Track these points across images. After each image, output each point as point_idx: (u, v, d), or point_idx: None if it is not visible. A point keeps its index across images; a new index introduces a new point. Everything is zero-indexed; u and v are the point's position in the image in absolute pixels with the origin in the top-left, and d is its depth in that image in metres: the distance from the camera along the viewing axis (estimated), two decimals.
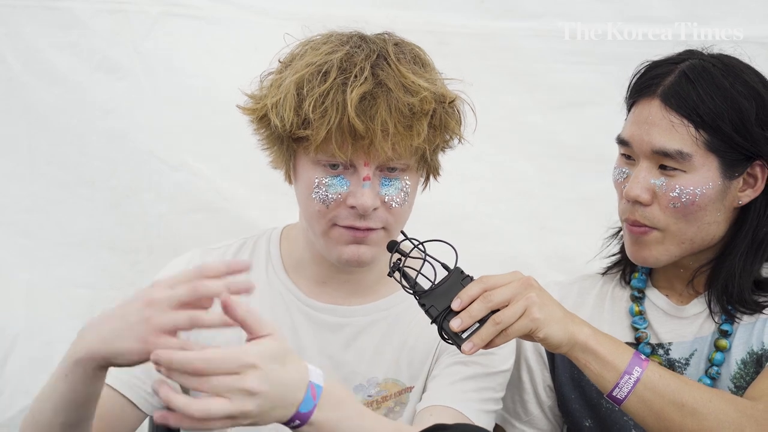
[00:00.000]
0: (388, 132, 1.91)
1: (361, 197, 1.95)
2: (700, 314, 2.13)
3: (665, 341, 2.13)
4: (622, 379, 1.89)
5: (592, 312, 2.18)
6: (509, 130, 2.93)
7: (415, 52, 2.01)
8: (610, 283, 2.23)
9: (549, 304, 1.89)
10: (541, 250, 2.94)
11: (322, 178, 1.97)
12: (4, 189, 2.92)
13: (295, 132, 1.94)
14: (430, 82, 1.97)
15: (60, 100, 2.90)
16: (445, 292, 1.87)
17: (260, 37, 2.84)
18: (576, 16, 2.88)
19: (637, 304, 2.17)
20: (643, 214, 2.04)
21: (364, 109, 1.90)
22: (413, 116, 1.93)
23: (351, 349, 2.09)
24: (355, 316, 2.10)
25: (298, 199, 2.06)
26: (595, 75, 2.89)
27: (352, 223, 1.97)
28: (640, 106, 2.06)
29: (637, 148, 2.04)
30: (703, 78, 2.02)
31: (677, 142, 2.00)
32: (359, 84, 1.90)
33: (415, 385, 2.10)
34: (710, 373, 2.09)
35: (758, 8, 2.86)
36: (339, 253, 2.00)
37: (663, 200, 2.02)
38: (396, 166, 1.98)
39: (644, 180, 2.03)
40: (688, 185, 2.01)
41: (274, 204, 2.52)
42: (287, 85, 1.94)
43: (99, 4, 2.89)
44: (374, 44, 1.97)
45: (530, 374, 2.20)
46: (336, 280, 2.10)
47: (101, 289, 2.92)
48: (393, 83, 1.92)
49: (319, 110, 1.91)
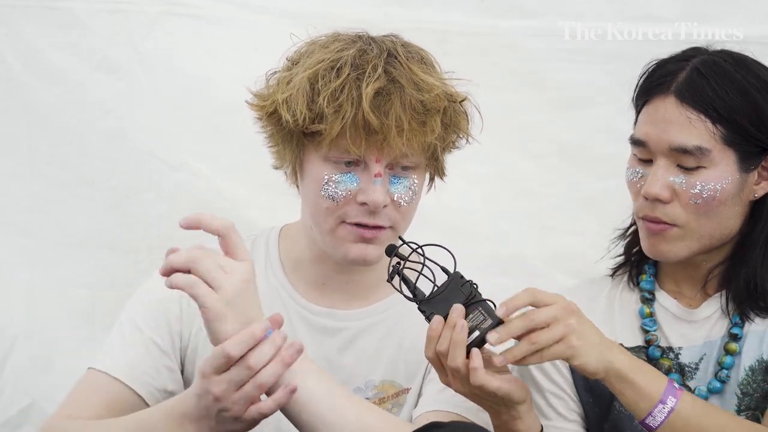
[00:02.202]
0: (402, 128, 1.91)
1: (372, 193, 1.95)
2: (710, 317, 2.12)
3: (675, 345, 2.12)
4: (656, 408, 1.90)
5: (604, 317, 2.16)
6: (509, 130, 2.92)
7: (422, 54, 2.02)
8: (617, 286, 2.21)
9: (588, 333, 1.88)
10: (542, 249, 2.93)
11: (332, 174, 1.96)
12: (4, 189, 2.92)
13: (308, 127, 1.94)
14: (440, 80, 1.98)
15: (60, 100, 2.90)
16: (445, 298, 1.86)
17: (260, 36, 2.84)
18: (576, 15, 2.88)
19: (647, 305, 2.15)
20: (664, 212, 2.03)
21: (378, 104, 1.91)
22: (426, 113, 1.93)
23: (348, 352, 2.09)
24: (353, 320, 2.10)
25: (304, 196, 2.05)
26: (596, 74, 2.88)
27: (361, 220, 1.97)
28: (653, 105, 2.05)
29: (654, 147, 2.03)
30: (716, 72, 2.01)
31: (696, 137, 2.00)
32: (374, 80, 1.91)
33: (411, 387, 2.10)
34: (720, 376, 2.08)
35: (758, 8, 2.86)
36: (345, 251, 2.00)
37: (684, 197, 2.02)
38: (407, 164, 1.98)
39: (663, 177, 2.02)
40: (708, 181, 2.01)
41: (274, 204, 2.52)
42: (299, 80, 1.94)
43: (99, 4, 2.89)
44: (383, 44, 1.98)
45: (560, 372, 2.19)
46: (335, 281, 2.10)
47: (101, 289, 2.92)
48: (405, 80, 1.93)
49: (334, 104, 1.91)
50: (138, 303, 2.09)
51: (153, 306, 2.07)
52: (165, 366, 2.05)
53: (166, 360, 2.05)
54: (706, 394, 2.08)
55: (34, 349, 2.92)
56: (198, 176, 2.92)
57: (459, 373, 1.83)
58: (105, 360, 2.04)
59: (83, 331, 2.92)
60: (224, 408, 1.75)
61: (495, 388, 1.83)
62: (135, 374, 2.02)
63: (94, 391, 2.01)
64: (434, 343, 1.85)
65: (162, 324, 2.06)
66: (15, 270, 2.92)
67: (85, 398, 2.00)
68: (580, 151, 2.92)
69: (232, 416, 1.76)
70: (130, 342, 2.05)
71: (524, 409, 1.90)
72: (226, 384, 1.74)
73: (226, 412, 1.75)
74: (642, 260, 2.18)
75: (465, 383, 1.84)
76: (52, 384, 2.89)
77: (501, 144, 2.93)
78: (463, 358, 1.82)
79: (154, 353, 2.04)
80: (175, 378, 2.06)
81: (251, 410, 1.76)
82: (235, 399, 1.74)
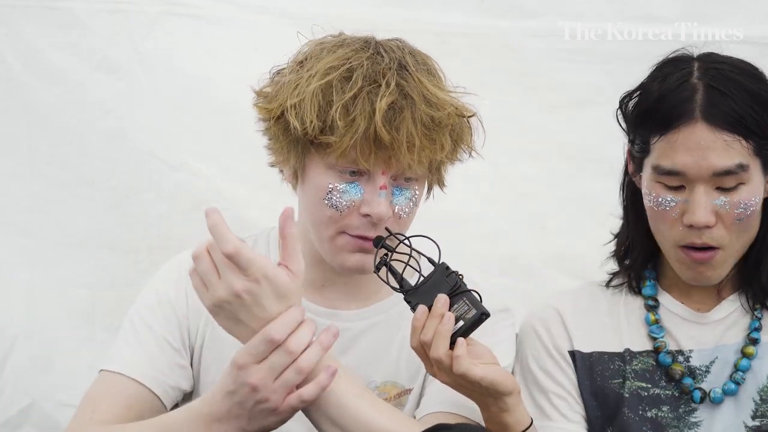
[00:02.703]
0: (413, 144, 1.89)
1: (377, 206, 1.94)
2: (724, 319, 2.12)
3: (686, 348, 2.12)
4: None
5: (609, 320, 2.16)
6: (509, 130, 2.92)
7: (428, 63, 2.00)
8: (620, 291, 2.20)
9: None
10: (541, 250, 2.94)
11: (336, 183, 1.95)
12: (4, 189, 2.92)
13: (317, 137, 1.92)
14: (449, 95, 1.96)
15: (60, 100, 2.90)
16: (430, 289, 1.87)
17: (260, 36, 2.84)
18: (576, 15, 2.88)
19: (653, 313, 2.14)
20: (710, 236, 2.01)
21: (390, 119, 1.89)
22: (436, 129, 1.92)
23: (349, 352, 2.08)
24: (354, 320, 2.10)
25: (304, 201, 2.03)
26: (596, 75, 2.88)
27: (364, 233, 1.96)
28: (681, 134, 1.99)
29: (695, 175, 1.99)
30: (732, 87, 1.99)
31: (736, 157, 1.98)
32: (387, 93, 1.89)
33: (413, 387, 2.10)
34: (735, 378, 2.08)
35: (758, 8, 2.86)
36: (343, 260, 1.99)
37: (728, 218, 2.00)
38: (410, 175, 1.97)
39: (707, 203, 1.99)
40: (749, 197, 2.00)
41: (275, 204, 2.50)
42: (310, 89, 1.92)
43: (99, 4, 2.89)
44: (393, 53, 1.96)
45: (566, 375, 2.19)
46: (334, 282, 2.09)
47: (101, 289, 2.92)
48: (417, 95, 1.92)
49: (347, 118, 1.89)
50: (146, 302, 2.08)
51: (162, 304, 2.06)
52: (177, 364, 2.04)
53: (178, 358, 2.05)
54: (721, 396, 2.08)
55: (34, 349, 2.92)
56: (198, 176, 2.92)
57: (442, 364, 1.84)
58: (118, 361, 2.02)
59: (83, 331, 2.92)
60: (262, 399, 1.73)
61: (479, 378, 1.83)
62: (150, 373, 2.01)
63: (112, 394, 1.99)
64: (418, 333, 1.85)
65: (172, 321, 2.05)
66: (15, 270, 2.92)
67: (103, 401, 1.98)
68: (580, 151, 2.92)
69: (269, 408, 1.74)
70: (142, 341, 2.03)
71: (512, 401, 1.89)
72: (265, 372, 1.72)
73: (264, 403, 1.73)
74: (640, 267, 2.17)
75: (449, 373, 1.85)
76: (52, 384, 2.90)
77: (501, 144, 2.91)
78: (446, 348, 1.83)
79: (167, 351, 2.04)
80: (187, 375, 2.06)
81: (291, 398, 1.74)
82: (275, 387, 1.73)
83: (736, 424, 2.08)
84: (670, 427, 2.08)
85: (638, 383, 2.11)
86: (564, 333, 2.15)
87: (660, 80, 2.05)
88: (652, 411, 2.10)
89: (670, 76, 2.04)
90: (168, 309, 2.06)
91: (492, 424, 1.92)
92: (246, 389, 1.73)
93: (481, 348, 1.89)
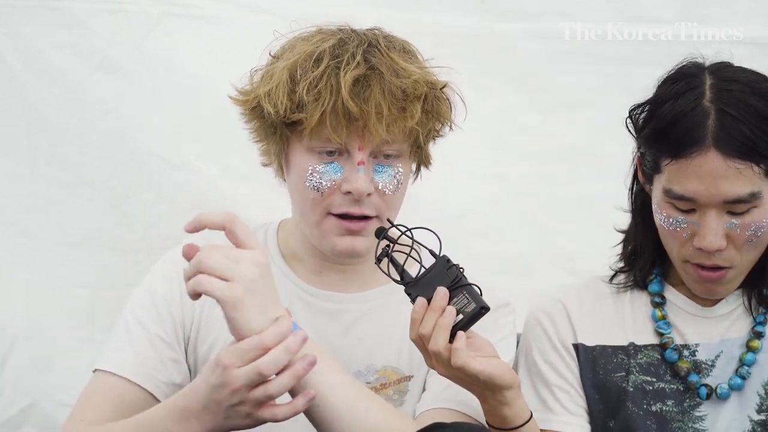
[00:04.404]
0: (382, 114, 1.92)
1: (355, 182, 1.96)
2: (729, 314, 2.13)
3: (691, 342, 2.12)
4: None
5: (615, 317, 2.16)
6: (509, 131, 2.93)
7: (403, 44, 2.03)
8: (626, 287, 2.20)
9: None
10: (541, 249, 2.94)
11: (316, 165, 1.97)
12: (4, 189, 2.92)
13: (289, 117, 1.95)
14: (421, 68, 1.99)
15: (60, 100, 2.90)
16: (431, 282, 1.87)
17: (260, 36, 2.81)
18: (576, 16, 2.88)
19: (659, 309, 2.14)
20: (721, 257, 2.01)
21: (357, 91, 1.92)
22: (406, 99, 1.94)
23: (349, 335, 2.09)
24: (354, 302, 2.10)
25: (291, 189, 2.06)
26: (595, 75, 2.89)
27: (347, 210, 1.97)
28: (694, 161, 1.97)
29: (706, 202, 1.98)
30: (744, 111, 1.97)
31: (748, 185, 1.96)
32: (352, 68, 1.92)
33: (415, 375, 2.10)
34: (741, 372, 2.09)
35: (758, 8, 2.86)
36: (332, 244, 2.00)
37: (738, 240, 2.00)
38: (390, 152, 1.98)
39: (718, 228, 1.98)
40: (761, 218, 1.99)
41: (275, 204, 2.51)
42: (280, 73, 1.96)
43: (99, 4, 2.89)
44: (365, 35, 2.00)
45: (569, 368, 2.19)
46: (331, 270, 2.10)
47: (101, 289, 2.92)
48: (385, 68, 1.94)
49: (313, 93, 1.92)
50: (139, 300, 2.09)
51: (154, 300, 2.07)
52: (170, 358, 2.05)
53: (171, 352, 2.05)
54: (728, 391, 2.08)
55: (34, 349, 2.91)
56: (198, 176, 2.92)
57: (441, 356, 1.84)
58: (110, 360, 2.03)
59: (83, 331, 2.92)
60: (241, 401, 1.74)
61: (477, 371, 1.83)
62: (141, 370, 2.02)
63: (104, 393, 2.00)
64: (417, 325, 1.85)
65: (165, 316, 2.06)
66: (15, 270, 2.92)
67: (95, 401, 2.00)
68: (580, 151, 2.92)
69: (245, 411, 1.75)
70: (134, 339, 2.04)
71: (511, 395, 1.89)
72: (244, 380, 1.72)
73: (241, 406, 1.74)
74: (648, 268, 2.16)
75: (447, 366, 1.84)
76: (52, 384, 2.90)
77: (501, 145, 2.93)
78: (445, 341, 1.83)
79: (159, 347, 2.04)
80: (182, 369, 2.06)
81: (265, 413, 1.75)
82: (248, 397, 1.73)
83: (741, 418, 2.08)
84: (675, 421, 2.09)
85: (643, 377, 2.11)
86: (569, 326, 2.15)
87: (672, 101, 2.02)
88: (657, 405, 2.10)
89: (682, 97, 2.01)
90: (161, 304, 2.07)
91: (491, 417, 1.92)
92: (225, 390, 1.73)
93: (481, 341, 1.89)
